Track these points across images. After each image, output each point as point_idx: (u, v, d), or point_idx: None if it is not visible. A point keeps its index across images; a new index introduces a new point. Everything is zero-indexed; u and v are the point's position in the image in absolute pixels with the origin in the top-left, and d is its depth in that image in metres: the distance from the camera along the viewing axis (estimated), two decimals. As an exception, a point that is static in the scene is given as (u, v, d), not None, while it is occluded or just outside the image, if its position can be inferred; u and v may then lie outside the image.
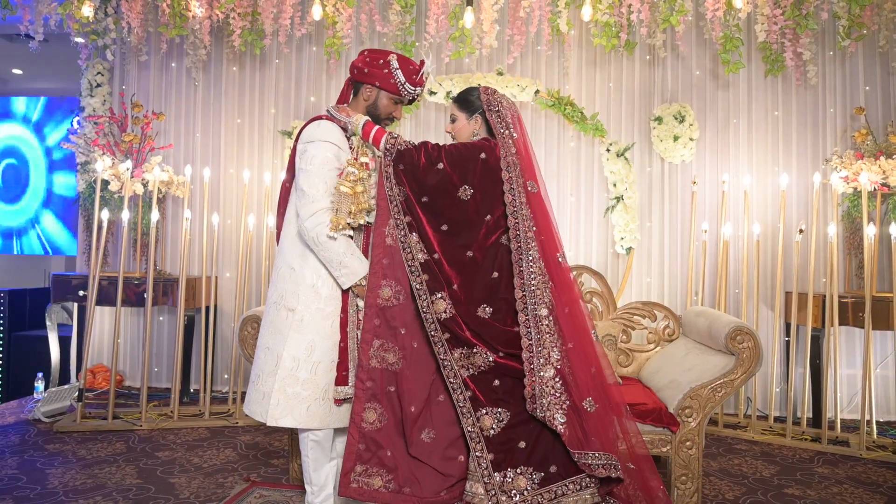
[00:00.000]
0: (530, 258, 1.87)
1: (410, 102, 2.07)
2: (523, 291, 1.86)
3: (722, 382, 2.20)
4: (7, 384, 4.32)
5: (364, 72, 1.98)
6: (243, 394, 3.50)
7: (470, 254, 1.88)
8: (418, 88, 2.00)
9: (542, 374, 1.80)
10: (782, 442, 3.10)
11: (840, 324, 3.20)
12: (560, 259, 1.92)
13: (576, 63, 3.85)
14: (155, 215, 3.35)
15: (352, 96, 2.04)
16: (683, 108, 3.69)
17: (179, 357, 3.37)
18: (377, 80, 1.97)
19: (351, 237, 1.92)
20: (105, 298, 3.54)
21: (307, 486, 2.02)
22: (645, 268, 3.79)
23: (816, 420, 3.27)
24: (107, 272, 3.70)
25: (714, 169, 3.75)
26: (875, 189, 3.27)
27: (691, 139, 3.68)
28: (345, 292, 1.95)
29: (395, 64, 1.95)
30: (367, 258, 1.96)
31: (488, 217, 1.90)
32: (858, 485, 2.59)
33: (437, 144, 1.94)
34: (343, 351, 1.92)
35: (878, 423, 3.34)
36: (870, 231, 3.10)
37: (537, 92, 3.65)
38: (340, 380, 1.92)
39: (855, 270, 3.53)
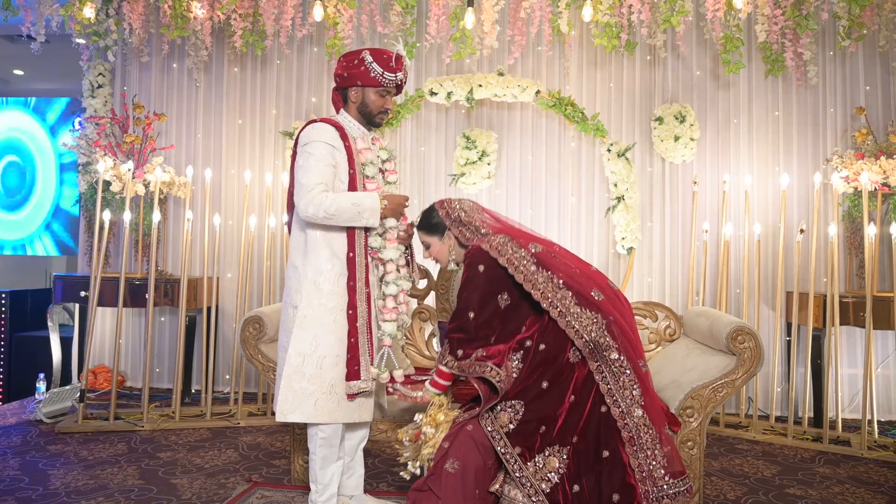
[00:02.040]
0: (577, 312, 1.83)
1: (399, 91, 2.09)
2: (588, 347, 1.82)
3: (723, 382, 2.20)
4: (8, 385, 4.33)
5: (344, 76, 2.03)
6: (245, 394, 3.51)
7: (542, 346, 1.87)
8: (398, 74, 2.02)
9: (633, 414, 1.78)
10: (783, 442, 3.10)
11: (841, 323, 3.20)
12: (596, 295, 1.86)
13: (576, 63, 3.86)
14: (156, 216, 3.35)
15: (342, 104, 2.09)
16: (684, 109, 3.69)
17: (181, 358, 3.37)
18: (358, 80, 2.01)
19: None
20: (106, 299, 3.54)
21: (312, 485, 2.03)
22: (646, 268, 3.79)
23: (818, 420, 3.27)
24: (108, 273, 3.70)
25: (715, 169, 3.76)
26: (876, 189, 3.27)
27: (692, 139, 3.68)
28: (352, 291, 1.95)
29: (368, 58, 1.99)
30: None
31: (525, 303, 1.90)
32: (860, 484, 2.59)
33: (457, 315, 1.91)
34: (353, 346, 1.95)
35: (879, 422, 3.34)
36: (870, 231, 3.11)
37: (538, 92, 3.65)
38: (352, 374, 1.95)
39: (856, 270, 3.53)
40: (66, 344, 3.82)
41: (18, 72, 5.99)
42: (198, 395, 3.72)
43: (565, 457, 1.79)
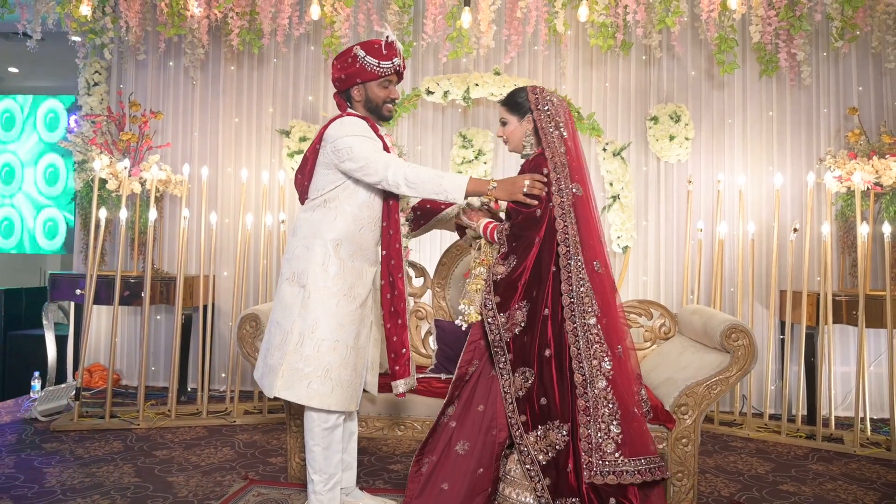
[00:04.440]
0: (579, 262, 1.85)
1: (400, 77, 2.09)
2: (571, 298, 1.83)
3: (717, 380, 2.21)
4: (3, 383, 4.31)
5: (342, 78, 2.03)
6: (241, 392, 3.50)
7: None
8: (395, 60, 2.01)
9: (595, 385, 1.79)
10: (777, 439, 3.13)
11: (834, 322, 3.23)
12: (597, 266, 1.88)
13: (572, 63, 3.87)
14: (152, 214, 3.35)
15: (348, 106, 2.08)
16: (679, 108, 3.71)
17: (177, 356, 3.37)
18: (357, 77, 2.01)
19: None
20: (102, 297, 3.54)
21: (314, 476, 1.99)
22: (641, 266, 3.81)
23: (811, 417, 3.29)
24: (104, 271, 3.69)
25: (709, 168, 3.78)
26: (868, 188, 3.30)
27: (687, 139, 3.71)
28: (400, 282, 1.97)
29: (360, 53, 1.99)
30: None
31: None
32: (852, 481, 2.61)
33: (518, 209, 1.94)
34: (404, 339, 1.98)
35: (871, 420, 3.37)
36: (863, 230, 3.13)
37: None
38: (404, 371, 1.98)
39: (849, 269, 3.56)
40: (61, 342, 3.81)
41: (13, 69, 5.96)
42: (194, 394, 3.72)
43: (565, 433, 1.80)
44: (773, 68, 3.55)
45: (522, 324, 1.85)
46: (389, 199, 2.02)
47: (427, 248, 3.87)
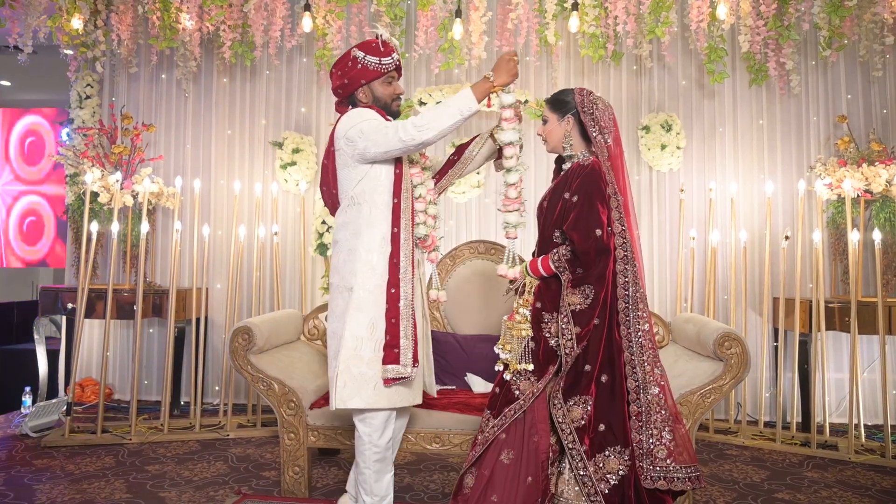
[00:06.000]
0: (634, 268, 1.83)
1: (399, 73, 2.09)
2: (626, 303, 1.81)
3: (711, 388, 2.22)
4: (-6, 399, 4.27)
5: (346, 83, 2.02)
6: (234, 406, 3.48)
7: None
8: (393, 55, 2.02)
9: (648, 391, 1.77)
10: (772, 446, 3.13)
11: (827, 328, 3.24)
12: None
13: (564, 73, 3.90)
14: (145, 227, 3.34)
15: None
16: (670, 118, 3.74)
17: (169, 369, 3.34)
18: (361, 78, 2.00)
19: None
20: (94, 311, 3.51)
21: (366, 498, 1.97)
22: (634, 275, 3.81)
23: (805, 424, 3.30)
24: (96, 284, 3.67)
25: (701, 177, 3.80)
26: (858, 195, 3.32)
27: (678, 148, 3.73)
28: (394, 269, 1.90)
29: (360, 54, 1.99)
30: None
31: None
32: (847, 488, 2.62)
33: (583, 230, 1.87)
34: (393, 327, 1.88)
35: (865, 426, 3.38)
36: (854, 237, 3.16)
37: (526, 102, 3.69)
38: (390, 357, 1.88)
39: (840, 276, 3.58)
40: (52, 356, 3.78)
41: (5, 83, 5.96)
42: (186, 407, 3.69)
43: (626, 458, 1.77)
44: (762, 77, 3.59)
45: (581, 348, 1.82)
46: (395, 197, 1.97)
47: (421, 259, 3.87)
